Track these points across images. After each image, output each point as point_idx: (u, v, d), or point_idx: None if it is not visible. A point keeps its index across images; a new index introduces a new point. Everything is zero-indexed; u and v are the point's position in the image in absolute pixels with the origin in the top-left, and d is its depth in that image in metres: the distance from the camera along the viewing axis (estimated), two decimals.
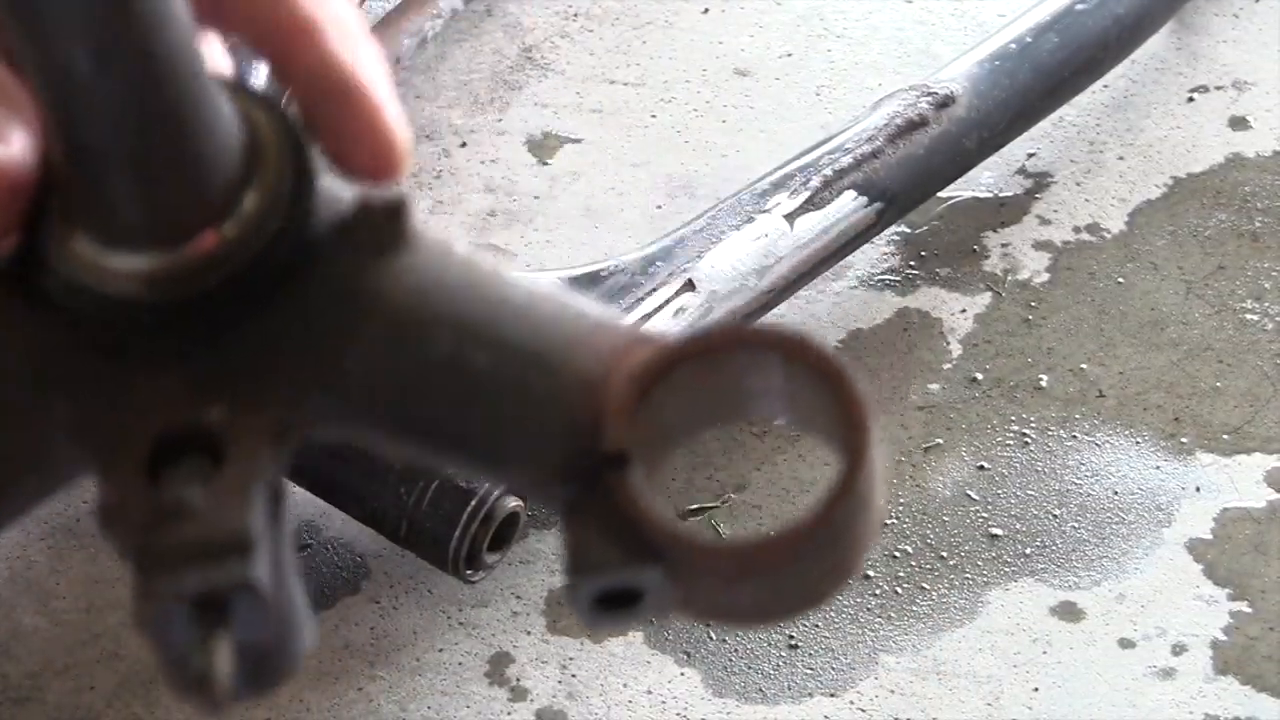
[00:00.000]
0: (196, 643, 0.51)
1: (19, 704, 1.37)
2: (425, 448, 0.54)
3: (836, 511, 0.51)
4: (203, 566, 0.50)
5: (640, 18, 1.84)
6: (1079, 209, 1.67)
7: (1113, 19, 1.63)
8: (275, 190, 0.53)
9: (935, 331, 1.58)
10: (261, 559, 0.51)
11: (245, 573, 0.50)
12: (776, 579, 0.52)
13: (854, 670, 1.37)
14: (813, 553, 0.51)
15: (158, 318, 0.53)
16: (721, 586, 0.52)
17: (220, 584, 0.51)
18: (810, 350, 0.52)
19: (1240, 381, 1.53)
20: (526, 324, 0.53)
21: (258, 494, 0.51)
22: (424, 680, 1.37)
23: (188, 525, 0.51)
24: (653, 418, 0.52)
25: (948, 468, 1.48)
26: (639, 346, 0.53)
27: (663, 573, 0.51)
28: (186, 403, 0.52)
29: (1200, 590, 1.41)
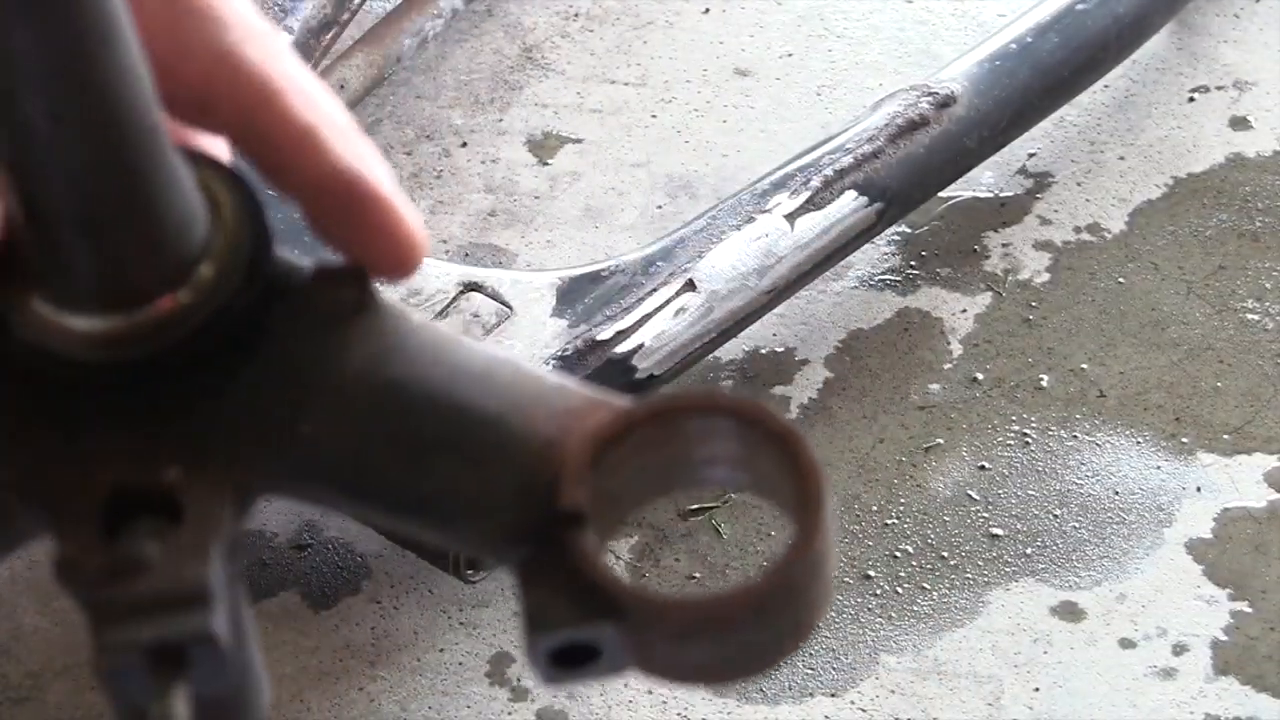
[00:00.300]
0: (153, 694, 0.51)
1: (19, 704, 1.37)
2: (381, 511, 0.55)
3: (791, 574, 0.52)
4: (161, 618, 0.51)
5: (640, 18, 1.84)
6: (1079, 209, 1.67)
7: (1113, 19, 1.63)
8: (231, 258, 0.53)
9: (936, 331, 1.58)
10: (220, 612, 0.51)
11: (204, 624, 0.51)
12: (731, 638, 0.52)
13: (855, 670, 1.37)
14: (767, 613, 0.52)
15: (112, 379, 0.53)
16: (676, 644, 0.52)
17: (178, 635, 0.51)
18: (765, 416, 0.53)
19: (1241, 381, 1.53)
20: (483, 388, 0.54)
21: (216, 551, 0.52)
22: (424, 680, 1.37)
23: (145, 578, 0.51)
24: (608, 479, 0.53)
25: (948, 468, 1.48)
26: (596, 409, 0.54)
27: (617, 630, 0.52)
28: (141, 463, 0.53)
29: (1201, 590, 1.41)
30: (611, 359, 1.43)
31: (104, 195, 0.51)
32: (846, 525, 1.45)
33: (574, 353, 1.42)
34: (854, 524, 1.45)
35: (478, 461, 0.53)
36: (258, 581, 1.43)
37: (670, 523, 1.46)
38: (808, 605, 0.53)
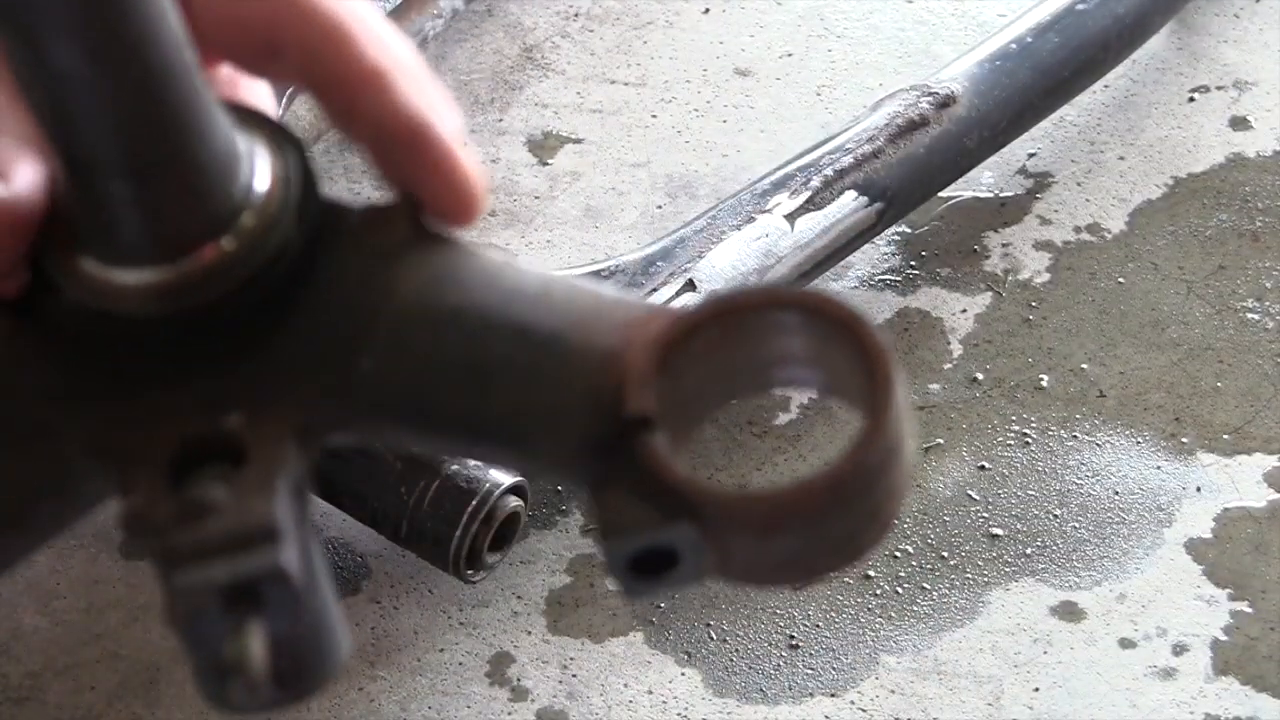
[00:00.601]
0: (229, 634, 0.51)
1: (19, 704, 1.37)
2: (448, 440, 0.54)
3: (867, 457, 0.51)
4: (231, 557, 0.50)
5: (641, 18, 1.84)
6: (1079, 209, 1.66)
7: (1113, 19, 1.63)
8: (277, 204, 0.53)
9: (936, 331, 1.57)
10: (290, 547, 0.51)
11: (275, 559, 0.50)
12: (810, 530, 0.51)
13: (855, 670, 1.37)
14: (844, 502, 0.51)
15: (167, 331, 0.53)
16: (754, 541, 0.52)
17: (250, 572, 0.50)
18: (829, 305, 0.52)
19: (1241, 381, 1.53)
20: (541, 307, 0.53)
21: (282, 487, 0.51)
22: (424, 680, 1.37)
23: (213, 520, 0.51)
24: (675, 384, 0.52)
25: (948, 468, 1.48)
26: (657, 318, 0.53)
27: (695, 530, 0.51)
28: (203, 413, 0.53)
29: (1201, 590, 1.41)
30: None
31: (142, 137, 0.51)
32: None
33: None
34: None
35: (540, 379, 0.53)
36: None
37: None
38: (886, 492, 0.52)
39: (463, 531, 1.34)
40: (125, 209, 0.52)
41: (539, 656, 1.39)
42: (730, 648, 1.39)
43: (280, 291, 0.53)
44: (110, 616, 1.41)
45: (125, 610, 1.42)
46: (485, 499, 1.34)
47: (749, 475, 1.48)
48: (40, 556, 1.44)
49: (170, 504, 0.52)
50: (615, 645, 1.39)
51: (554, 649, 1.39)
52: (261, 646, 0.51)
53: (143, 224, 0.52)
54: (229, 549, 0.51)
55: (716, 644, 1.39)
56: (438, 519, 1.35)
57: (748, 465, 1.49)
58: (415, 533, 1.35)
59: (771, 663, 1.38)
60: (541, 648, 1.39)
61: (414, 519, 1.35)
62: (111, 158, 0.51)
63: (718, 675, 1.37)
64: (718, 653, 1.39)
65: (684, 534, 0.51)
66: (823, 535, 0.52)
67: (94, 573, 1.44)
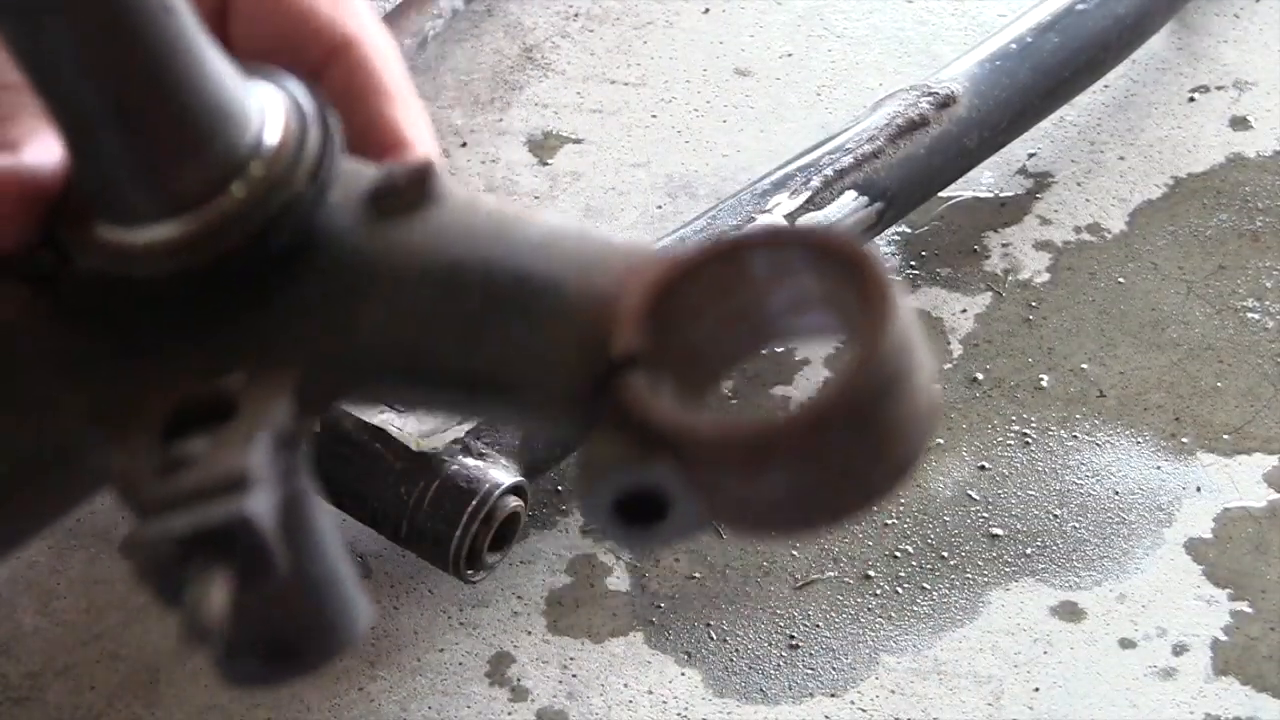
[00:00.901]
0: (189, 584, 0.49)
1: (19, 704, 1.37)
2: (446, 395, 0.53)
3: (856, 384, 0.48)
4: (199, 507, 0.49)
5: (640, 18, 1.84)
6: (1079, 209, 1.67)
7: (1113, 19, 1.63)
8: (287, 158, 0.53)
9: (936, 331, 1.58)
10: (259, 496, 0.49)
11: (239, 508, 0.49)
12: (802, 467, 0.48)
13: (855, 670, 1.37)
14: (836, 434, 0.48)
15: (175, 293, 0.53)
16: (743, 479, 0.49)
17: (212, 521, 0.49)
18: (829, 239, 0.50)
19: (1241, 381, 1.53)
20: (543, 255, 0.52)
21: (263, 439, 0.50)
22: (424, 680, 1.37)
23: (189, 472, 0.50)
24: (673, 328, 0.51)
25: (948, 467, 1.48)
26: (658, 262, 0.52)
27: (677, 467, 0.49)
28: (204, 374, 0.52)
29: (1201, 590, 1.41)
30: None
31: (121, 80, 0.51)
32: (846, 525, 1.45)
33: None
34: (854, 524, 1.45)
35: (536, 324, 0.52)
36: None
37: None
38: (892, 426, 0.48)
39: (463, 531, 1.34)
40: (121, 161, 0.52)
41: (539, 656, 1.39)
42: (730, 648, 1.39)
43: (287, 248, 0.53)
44: (110, 616, 1.41)
45: (125, 610, 1.42)
46: (485, 499, 1.34)
47: None
48: (40, 557, 1.44)
49: (154, 461, 0.51)
50: (615, 645, 1.39)
51: (554, 649, 1.39)
52: (218, 596, 0.49)
53: (141, 176, 0.52)
54: (199, 500, 0.49)
55: (716, 644, 1.39)
56: (438, 519, 1.35)
57: None
58: (415, 533, 1.35)
59: (771, 663, 1.38)
60: (541, 648, 1.39)
61: (414, 519, 1.35)
62: (95, 104, 0.51)
63: (718, 675, 1.37)
64: (718, 653, 1.39)
65: (665, 473, 0.49)
66: (819, 473, 0.48)
67: (94, 573, 1.44)
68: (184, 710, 1.36)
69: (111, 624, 1.41)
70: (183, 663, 1.38)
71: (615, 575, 1.43)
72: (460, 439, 1.37)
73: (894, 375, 0.48)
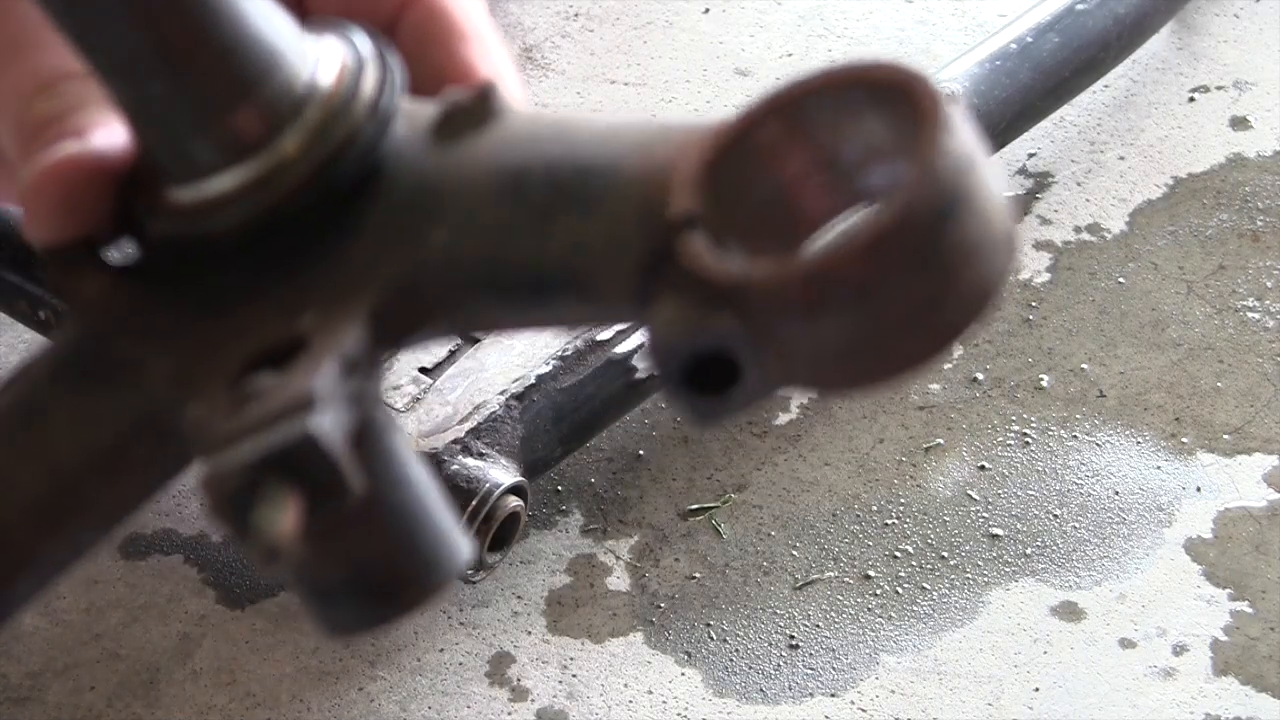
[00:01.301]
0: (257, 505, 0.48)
1: (19, 704, 1.37)
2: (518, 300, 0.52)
3: (912, 203, 0.45)
4: (265, 433, 0.49)
5: (641, 18, 1.84)
6: (1079, 209, 1.66)
7: (1113, 19, 1.63)
8: (343, 96, 0.53)
9: None
10: (325, 417, 0.49)
11: (303, 427, 0.48)
12: (868, 304, 0.46)
13: (855, 670, 1.37)
14: (899, 263, 0.45)
15: (244, 245, 0.53)
16: (804, 324, 0.46)
17: (277, 443, 0.48)
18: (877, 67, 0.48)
19: (1241, 381, 1.53)
20: (605, 144, 0.52)
21: (327, 364, 0.50)
22: (424, 680, 1.37)
23: (255, 405, 0.50)
24: (734, 187, 0.49)
25: (948, 468, 1.48)
26: (716, 127, 0.50)
27: (740, 321, 0.47)
28: (279, 319, 0.52)
29: (1200, 590, 1.41)
30: (612, 359, 1.43)
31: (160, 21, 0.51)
32: (846, 525, 1.45)
33: (574, 353, 1.42)
34: (854, 524, 1.45)
35: (598, 208, 0.50)
36: (258, 581, 1.43)
37: (670, 523, 1.46)
38: (961, 250, 0.46)
39: None
40: (174, 106, 0.52)
41: (539, 656, 1.39)
42: (730, 648, 1.39)
43: (351, 185, 0.53)
44: (110, 616, 1.41)
45: (125, 610, 1.42)
46: (485, 499, 1.34)
47: (749, 474, 1.48)
48: None
49: (224, 401, 0.50)
50: (615, 645, 1.39)
51: (554, 649, 1.39)
52: (287, 516, 0.48)
53: (195, 122, 0.52)
54: (265, 427, 0.49)
55: (716, 644, 1.39)
56: None
57: (748, 465, 1.49)
58: None
59: (771, 663, 1.38)
60: (541, 648, 1.39)
61: None
62: (139, 45, 0.51)
63: (718, 675, 1.38)
64: (718, 653, 1.39)
65: (731, 328, 0.47)
66: (884, 309, 0.46)
67: (94, 573, 1.44)
68: (184, 710, 1.36)
69: (111, 624, 1.41)
70: (182, 663, 1.38)
71: (615, 575, 1.43)
72: (460, 439, 1.37)
73: (954, 194, 0.46)
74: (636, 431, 1.51)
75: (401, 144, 0.54)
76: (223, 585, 1.43)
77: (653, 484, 1.48)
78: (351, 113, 0.53)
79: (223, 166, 0.53)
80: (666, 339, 0.48)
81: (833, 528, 1.45)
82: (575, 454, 1.46)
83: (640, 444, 1.51)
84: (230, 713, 1.35)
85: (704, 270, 0.47)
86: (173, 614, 1.42)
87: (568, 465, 1.47)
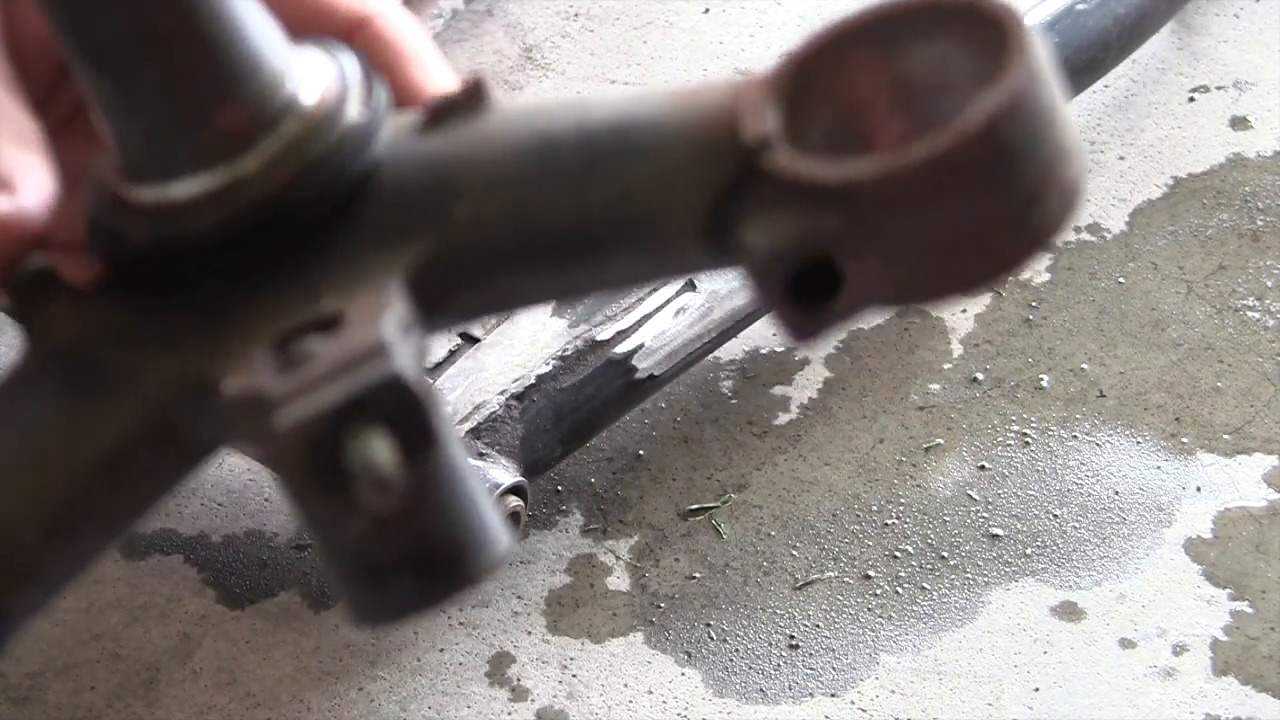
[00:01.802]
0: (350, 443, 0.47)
1: (19, 704, 1.37)
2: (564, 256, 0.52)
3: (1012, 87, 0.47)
4: (340, 379, 0.48)
5: (641, 18, 1.84)
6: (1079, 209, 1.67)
7: (1113, 19, 1.63)
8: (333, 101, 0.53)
9: (936, 331, 1.57)
10: (404, 358, 0.48)
11: (388, 366, 0.48)
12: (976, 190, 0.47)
13: (855, 670, 1.37)
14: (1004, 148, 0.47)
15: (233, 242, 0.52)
16: (914, 216, 0.47)
17: (363, 384, 0.48)
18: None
19: (1240, 381, 1.53)
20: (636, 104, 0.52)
21: (390, 314, 0.49)
22: (424, 680, 1.37)
23: (317, 360, 0.49)
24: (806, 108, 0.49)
25: (948, 468, 1.48)
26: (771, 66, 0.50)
27: (847, 219, 0.47)
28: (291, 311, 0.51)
29: (1200, 590, 1.41)
30: (612, 359, 1.43)
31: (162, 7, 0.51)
32: (846, 525, 1.45)
33: (574, 353, 1.42)
34: (854, 524, 1.45)
35: (644, 156, 0.50)
36: (258, 581, 1.43)
37: (670, 523, 1.46)
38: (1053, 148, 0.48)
39: None
40: (158, 100, 0.52)
41: (539, 656, 1.39)
42: (730, 648, 1.39)
43: (346, 180, 0.52)
44: (110, 616, 1.41)
45: (125, 610, 1.42)
46: None
47: (749, 474, 1.48)
48: None
49: (273, 369, 0.49)
50: (615, 645, 1.39)
51: (554, 649, 1.39)
52: (387, 449, 0.47)
53: (178, 117, 0.52)
54: (338, 375, 0.48)
55: (716, 644, 1.39)
56: None
57: (748, 465, 1.49)
58: None
59: (771, 663, 1.38)
60: (541, 648, 1.39)
61: None
62: (129, 33, 0.51)
63: (718, 675, 1.38)
64: (718, 653, 1.39)
65: (838, 229, 0.47)
66: (993, 198, 0.47)
67: (94, 573, 1.44)
68: (184, 710, 1.36)
69: (111, 624, 1.41)
70: (182, 663, 1.39)
71: (615, 575, 1.43)
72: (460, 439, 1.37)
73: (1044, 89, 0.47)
74: (636, 431, 1.51)
75: (393, 144, 0.54)
76: (223, 585, 1.43)
77: (653, 484, 1.48)
78: (343, 109, 0.53)
79: (200, 168, 0.52)
80: (772, 249, 0.48)
81: (833, 528, 1.45)
82: (575, 454, 1.46)
83: (640, 444, 1.51)
84: (230, 713, 1.35)
85: (807, 176, 0.47)
86: (173, 614, 1.42)
87: (568, 465, 1.47)
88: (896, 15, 0.49)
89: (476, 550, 0.51)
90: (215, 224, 0.52)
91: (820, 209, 0.47)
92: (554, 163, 0.52)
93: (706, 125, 0.50)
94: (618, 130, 0.51)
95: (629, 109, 0.52)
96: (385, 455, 0.47)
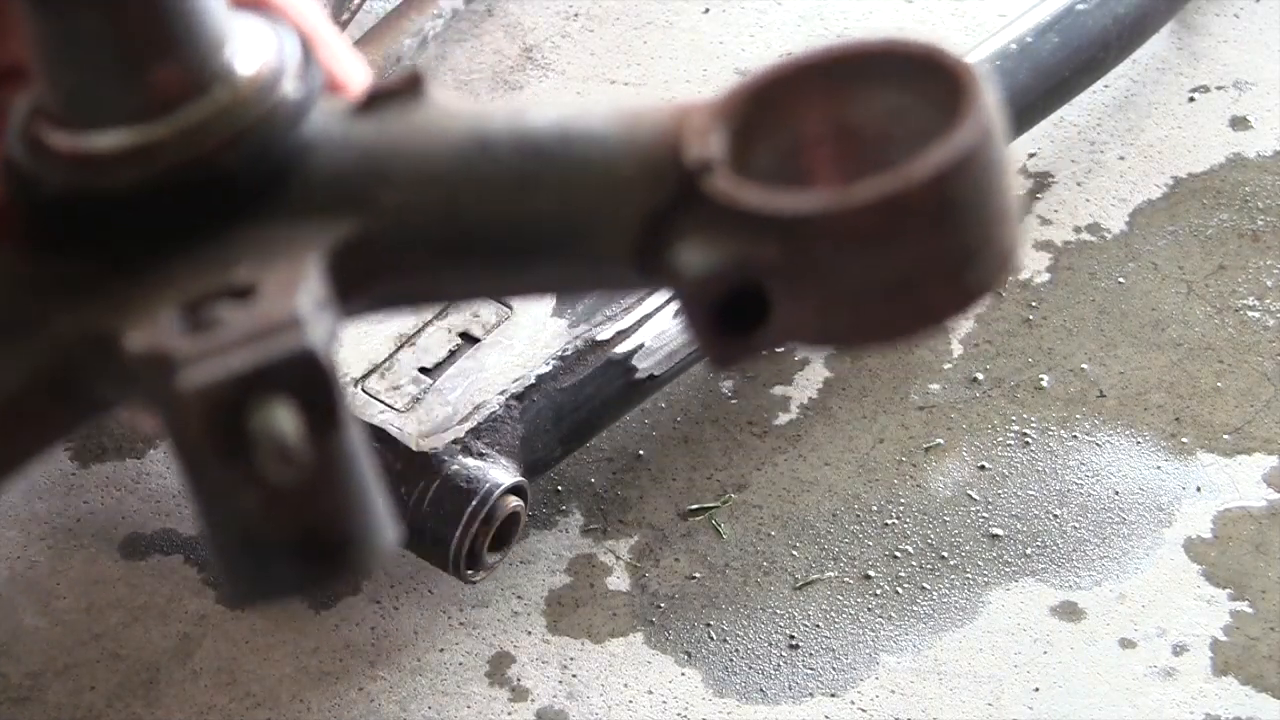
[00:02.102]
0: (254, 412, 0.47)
1: (19, 704, 1.37)
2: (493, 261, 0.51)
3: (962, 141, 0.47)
4: (250, 348, 0.47)
5: (641, 18, 1.84)
6: (1079, 209, 1.66)
7: (1113, 19, 1.63)
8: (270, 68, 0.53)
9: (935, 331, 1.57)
10: (318, 333, 0.48)
11: (300, 340, 0.47)
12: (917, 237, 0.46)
13: (855, 670, 1.37)
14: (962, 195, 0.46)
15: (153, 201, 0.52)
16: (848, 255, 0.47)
17: (273, 355, 0.47)
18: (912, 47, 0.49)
19: (1240, 381, 1.53)
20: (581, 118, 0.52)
21: (305, 289, 0.49)
22: (424, 680, 1.37)
23: (229, 326, 0.48)
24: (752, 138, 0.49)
25: (948, 468, 1.48)
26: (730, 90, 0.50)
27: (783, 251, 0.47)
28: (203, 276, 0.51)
29: (1200, 590, 1.41)
30: (611, 359, 1.43)
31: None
32: (846, 525, 1.45)
33: (574, 353, 1.42)
34: (854, 524, 1.45)
35: (588, 166, 0.50)
36: None
37: (670, 523, 1.46)
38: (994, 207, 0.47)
39: (463, 531, 1.34)
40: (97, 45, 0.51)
41: (539, 656, 1.39)
42: (730, 648, 1.39)
43: (273, 155, 0.52)
44: (110, 616, 1.41)
45: (125, 610, 1.42)
46: (485, 499, 1.34)
47: (749, 474, 1.48)
48: (40, 557, 1.44)
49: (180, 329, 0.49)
50: (615, 645, 1.39)
51: (554, 649, 1.39)
52: (293, 420, 0.47)
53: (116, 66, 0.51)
54: (249, 342, 0.47)
55: (716, 644, 1.39)
56: (438, 519, 1.35)
57: (748, 465, 1.49)
58: (415, 532, 1.35)
59: (771, 663, 1.38)
60: (541, 648, 1.39)
61: (414, 519, 1.35)
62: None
63: (718, 675, 1.38)
64: (718, 653, 1.39)
65: (772, 259, 0.47)
66: (933, 249, 0.46)
67: (94, 573, 1.44)
68: (184, 710, 1.36)
69: (111, 624, 1.41)
70: (182, 663, 1.38)
71: (615, 575, 1.43)
72: (460, 439, 1.37)
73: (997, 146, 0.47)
74: (636, 431, 1.51)
75: (326, 125, 0.53)
76: (223, 585, 1.43)
77: (653, 484, 1.48)
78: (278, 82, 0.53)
79: (130, 120, 0.52)
80: (704, 272, 0.48)
81: (833, 528, 1.45)
82: (575, 454, 1.46)
83: (640, 444, 1.51)
84: (230, 713, 1.35)
85: (747, 204, 0.47)
86: (173, 614, 1.42)
87: (568, 465, 1.47)
88: (856, 58, 0.50)
89: (365, 537, 0.50)
90: (132, 181, 0.52)
91: (758, 238, 0.47)
92: (489, 163, 0.51)
93: (649, 144, 0.50)
94: (559, 140, 0.51)
95: (573, 121, 0.52)
96: (291, 426, 0.47)
